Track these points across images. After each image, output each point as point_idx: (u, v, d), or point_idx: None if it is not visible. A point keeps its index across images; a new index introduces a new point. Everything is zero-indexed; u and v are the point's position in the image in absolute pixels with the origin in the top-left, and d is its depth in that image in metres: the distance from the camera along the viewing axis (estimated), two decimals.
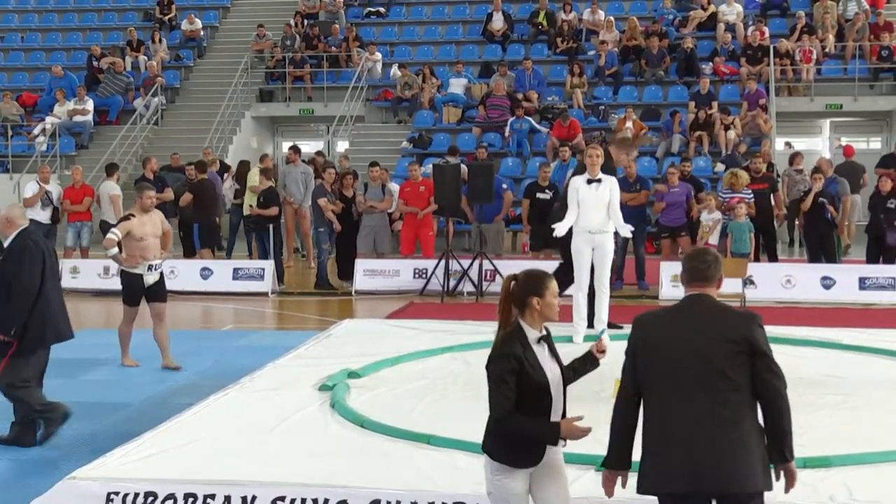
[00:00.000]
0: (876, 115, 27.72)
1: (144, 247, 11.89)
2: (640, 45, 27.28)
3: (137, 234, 11.82)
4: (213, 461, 7.14)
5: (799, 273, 17.48)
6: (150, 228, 11.95)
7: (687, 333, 5.16)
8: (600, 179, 11.31)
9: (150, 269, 11.98)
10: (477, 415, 8.33)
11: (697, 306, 5.25)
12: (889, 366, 10.21)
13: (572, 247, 11.50)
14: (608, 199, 11.35)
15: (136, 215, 11.97)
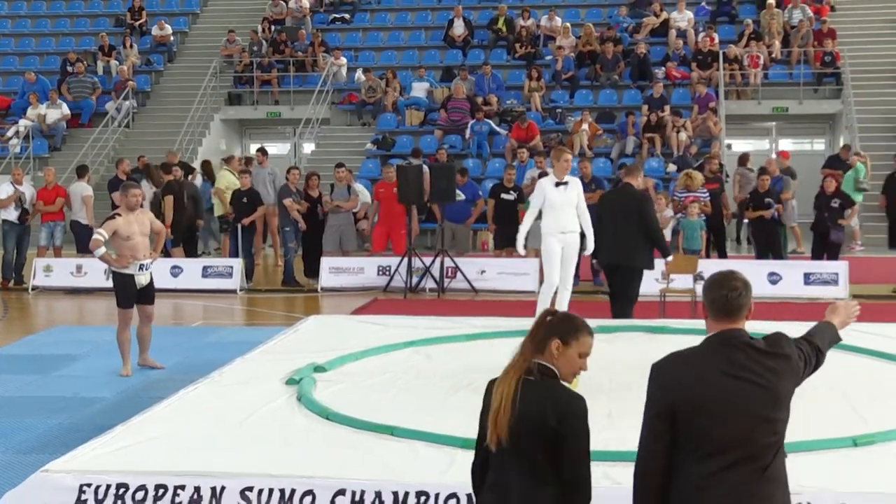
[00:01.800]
0: (820, 118, 27.90)
1: (133, 246, 11.47)
2: (595, 50, 27.36)
3: (124, 234, 11.40)
4: (184, 453, 7.10)
5: (747, 269, 17.36)
6: (137, 227, 11.52)
7: (729, 386, 4.31)
8: (567, 182, 11.34)
9: (141, 268, 11.58)
10: (438, 406, 8.36)
11: (730, 348, 4.43)
12: (833, 357, 10.27)
13: (543, 247, 11.50)
14: (576, 201, 11.37)
15: (122, 214, 11.55)
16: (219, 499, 6.41)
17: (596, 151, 24.38)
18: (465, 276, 17.80)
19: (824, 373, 9.64)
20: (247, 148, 29.97)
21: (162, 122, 28.38)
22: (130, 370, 11.57)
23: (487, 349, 10.63)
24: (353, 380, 9.35)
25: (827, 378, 9.23)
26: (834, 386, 8.90)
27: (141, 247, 11.55)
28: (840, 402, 8.39)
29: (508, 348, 10.72)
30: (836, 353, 10.46)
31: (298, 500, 6.36)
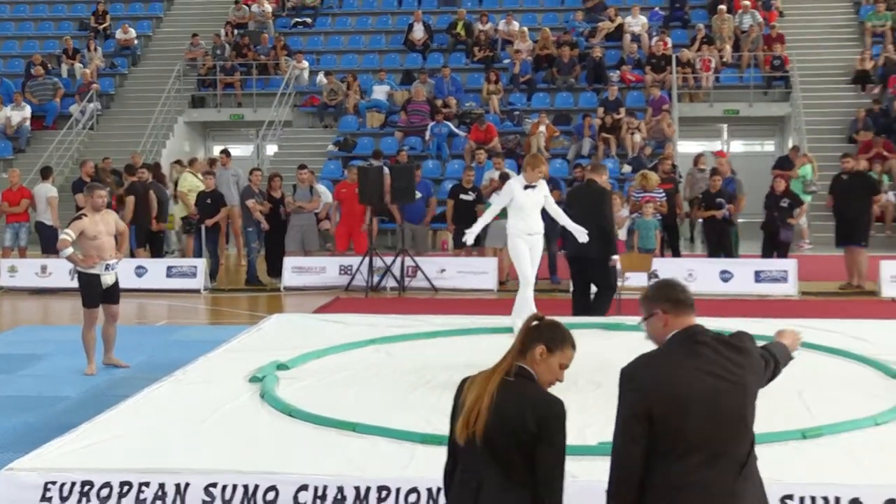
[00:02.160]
0: (769, 120, 28.13)
1: (99, 246, 11.38)
2: (552, 54, 27.43)
3: (90, 233, 11.30)
4: (148, 450, 7.06)
5: (700, 267, 17.69)
6: (103, 227, 11.43)
7: (706, 383, 4.30)
8: (535, 185, 11.37)
9: (107, 268, 11.49)
10: (399, 403, 8.36)
11: (699, 345, 4.44)
12: None
13: (512, 247, 11.52)
14: (542, 203, 11.41)
15: (88, 214, 11.43)
16: (183, 495, 6.39)
17: (553, 153, 24.45)
18: (426, 275, 17.81)
19: None
20: (210, 150, 29.83)
21: (126, 124, 28.18)
22: (95, 369, 11.48)
23: (447, 347, 10.66)
24: (316, 377, 9.33)
25: None
26: (784, 380, 8.95)
27: (107, 246, 11.46)
28: (790, 396, 8.43)
29: (468, 345, 10.81)
30: None
31: (262, 496, 6.35)
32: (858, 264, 17.45)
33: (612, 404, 8.12)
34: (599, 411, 7.93)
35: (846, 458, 6.75)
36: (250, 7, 30.88)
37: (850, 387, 8.82)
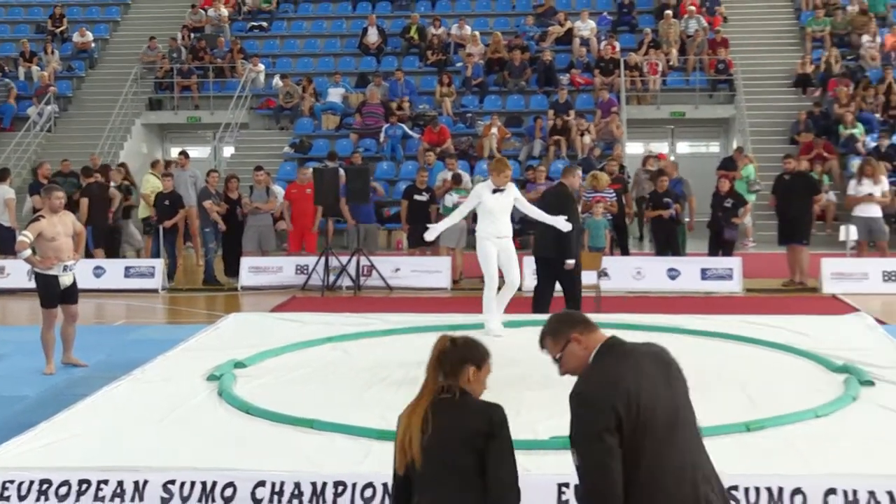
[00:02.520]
0: (715, 122, 28.35)
1: (57, 247, 11.26)
2: (503, 57, 27.48)
3: (48, 235, 11.19)
4: (107, 449, 7.00)
5: (648, 265, 17.80)
6: (61, 228, 11.33)
7: (657, 376, 4.43)
8: (503, 189, 11.38)
9: (65, 269, 11.37)
10: (355, 400, 8.34)
11: (626, 348, 4.54)
12: (728, 347, 10.45)
13: (480, 250, 11.55)
14: (512, 206, 11.42)
15: (46, 216, 11.32)
16: (141, 492, 6.35)
17: (504, 154, 24.44)
18: (381, 274, 17.79)
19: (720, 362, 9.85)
20: (168, 152, 29.64)
21: (84, 126, 27.92)
22: (54, 368, 11.40)
23: (402, 344, 10.64)
24: (273, 375, 9.30)
25: (722, 367, 9.42)
26: (728, 375, 9.06)
27: (65, 247, 11.35)
28: (734, 389, 8.52)
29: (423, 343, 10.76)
30: (732, 343, 10.69)
31: (220, 493, 6.32)
32: (800, 262, 17.63)
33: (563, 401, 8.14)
34: (551, 408, 7.96)
35: (789, 450, 6.81)
36: (207, 11, 30.72)
37: (793, 380, 8.91)
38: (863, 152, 22.81)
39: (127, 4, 32.77)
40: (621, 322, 11.73)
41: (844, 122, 24.16)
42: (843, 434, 7.21)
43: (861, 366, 9.11)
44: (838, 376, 8.93)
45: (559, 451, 6.62)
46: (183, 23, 30.55)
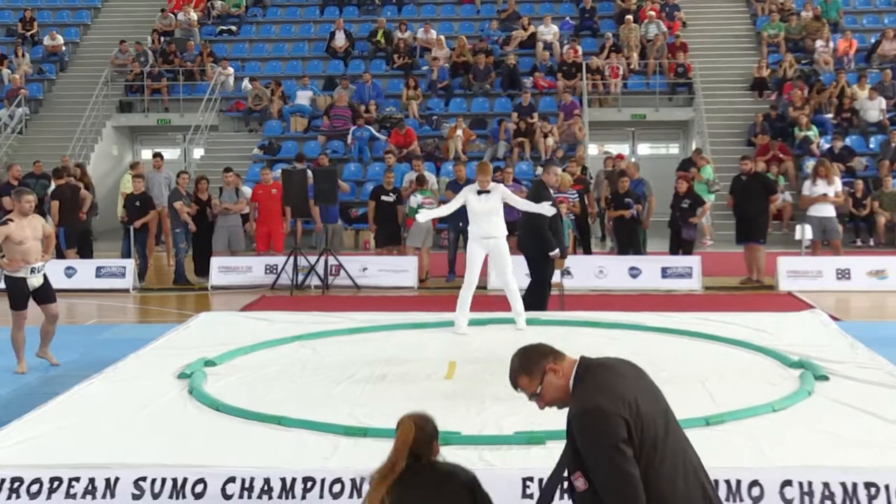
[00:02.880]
0: (674, 125, 28.48)
1: (25, 250, 11.07)
2: (468, 61, 27.50)
3: (17, 238, 11.00)
4: (79, 446, 6.95)
5: (610, 264, 17.85)
6: (29, 232, 11.13)
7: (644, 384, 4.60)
8: (489, 190, 11.38)
9: (33, 271, 11.17)
10: (323, 397, 8.32)
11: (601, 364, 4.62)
12: (688, 344, 10.50)
13: (467, 250, 11.59)
14: (499, 207, 11.41)
15: (15, 219, 11.12)
16: (113, 490, 6.30)
17: (469, 155, 24.49)
18: (348, 273, 17.76)
19: (680, 359, 9.90)
20: (138, 153, 29.50)
21: (55, 128, 27.69)
22: (25, 368, 11.25)
23: (370, 342, 10.65)
24: (243, 373, 9.27)
25: (682, 363, 9.47)
26: (688, 370, 9.10)
27: (33, 251, 11.17)
28: (694, 384, 8.56)
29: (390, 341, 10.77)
30: (692, 340, 10.74)
31: (190, 489, 6.29)
32: (757, 260, 17.74)
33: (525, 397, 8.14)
34: (514, 403, 7.97)
35: (747, 442, 6.86)
36: (176, 15, 30.56)
37: (751, 376, 8.96)
38: (817, 154, 23.00)
39: (97, 8, 32.55)
40: (585, 320, 11.79)
41: (799, 124, 24.35)
42: (799, 427, 7.26)
43: (816, 361, 9.18)
44: (794, 371, 9.00)
45: (523, 447, 6.64)
46: (153, 27, 30.38)
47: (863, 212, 22.15)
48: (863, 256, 18.67)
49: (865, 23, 29.33)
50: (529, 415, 7.57)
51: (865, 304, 16.23)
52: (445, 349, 10.13)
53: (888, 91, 25.41)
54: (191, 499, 6.25)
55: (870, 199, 22.16)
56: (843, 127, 24.77)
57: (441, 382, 8.80)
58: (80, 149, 26.45)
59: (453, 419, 7.39)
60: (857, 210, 22.11)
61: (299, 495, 6.21)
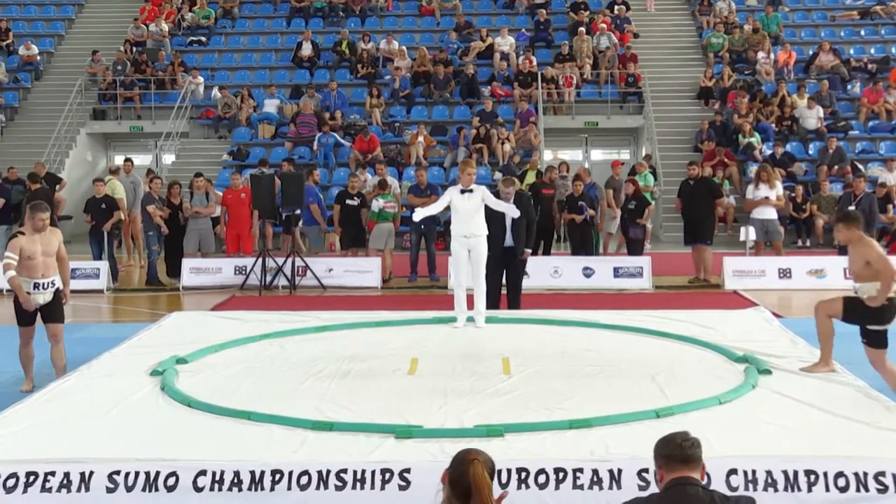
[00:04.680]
0: (625, 132, 28.60)
1: (32, 265, 10.13)
2: (429, 70, 27.50)
3: (26, 253, 10.10)
4: (54, 442, 6.88)
5: (564, 264, 17.90)
6: (40, 248, 10.19)
7: None
8: (472, 190, 11.36)
9: (36, 287, 10.20)
10: (291, 392, 8.29)
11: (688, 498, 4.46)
12: (638, 340, 10.55)
13: (452, 250, 11.60)
14: (481, 206, 11.40)
15: (27, 233, 10.26)
16: (87, 483, 6.24)
17: (430, 161, 24.51)
18: (315, 274, 17.70)
19: (631, 355, 9.94)
20: (111, 159, 29.19)
21: (30, 135, 27.41)
22: (31, 385, 10.20)
23: (336, 340, 10.62)
24: (213, 370, 9.21)
25: (633, 358, 9.51)
26: (639, 365, 9.14)
27: (41, 267, 10.21)
28: (645, 379, 8.60)
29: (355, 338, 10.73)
30: (642, 337, 10.79)
31: (163, 482, 6.24)
32: (705, 260, 17.85)
33: (486, 389, 8.20)
34: (475, 397, 7.98)
35: (694, 434, 6.87)
36: (148, 26, 30.34)
37: (698, 370, 9.01)
38: (760, 159, 23.18)
39: (71, 19, 32.26)
40: (541, 318, 11.81)
41: (743, 131, 24.54)
42: (744, 419, 7.32)
43: (760, 356, 9.25)
44: (739, 366, 9.06)
45: (483, 439, 6.65)
46: (125, 37, 30.12)
47: (802, 214, 22.36)
48: (803, 256, 18.86)
49: (804, 36, 29.61)
50: (488, 409, 7.60)
51: (806, 301, 16.31)
52: (408, 346, 10.12)
53: (825, 100, 25.68)
54: (163, 491, 6.20)
55: (809, 203, 22.37)
56: (784, 134, 25.00)
57: (404, 378, 8.79)
58: (56, 155, 26.21)
59: (416, 413, 7.39)
60: (797, 213, 22.32)
61: (268, 487, 6.18)
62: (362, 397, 8.02)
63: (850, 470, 6.15)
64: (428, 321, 11.68)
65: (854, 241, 8.94)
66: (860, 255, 8.84)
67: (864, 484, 6.10)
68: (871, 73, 27.08)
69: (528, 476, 6.13)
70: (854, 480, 6.11)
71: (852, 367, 8.97)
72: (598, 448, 6.51)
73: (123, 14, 31.81)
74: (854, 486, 6.10)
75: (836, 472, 6.14)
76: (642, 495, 4.63)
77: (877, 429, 6.95)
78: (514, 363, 9.15)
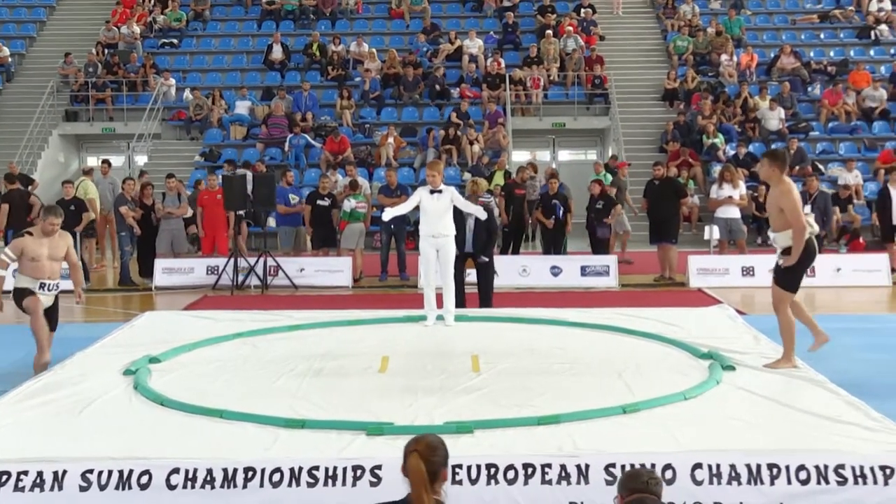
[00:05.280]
0: (592, 132, 28.68)
1: (37, 267, 10.03)
2: (398, 73, 27.48)
3: (30, 254, 9.98)
4: (27, 441, 6.83)
5: (533, 263, 17.95)
6: (46, 251, 10.06)
7: None
8: (441, 190, 11.35)
9: (42, 287, 10.09)
10: (264, 390, 8.26)
11: None
12: (606, 337, 10.59)
13: (420, 250, 11.59)
14: (450, 207, 11.39)
15: (35, 235, 10.10)
16: (61, 482, 6.19)
17: (400, 162, 24.51)
18: (286, 273, 17.65)
19: (599, 352, 9.96)
20: (84, 160, 28.96)
21: (3, 137, 27.14)
22: (49, 356, 10.06)
23: (307, 338, 10.60)
24: (186, 369, 9.18)
25: (600, 355, 9.55)
26: (606, 362, 9.18)
27: (46, 269, 10.10)
28: (611, 375, 8.64)
29: (326, 337, 10.70)
30: (609, 334, 10.81)
31: (136, 481, 6.20)
32: (670, 259, 17.94)
33: (456, 386, 8.21)
34: (444, 395, 7.99)
35: (660, 429, 6.93)
36: (120, 28, 30.14)
37: (663, 367, 9.06)
38: (723, 159, 23.33)
39: (43, 21, 32.00)
40: (510, 316, 11.84)
41: (707, 132, 24.68)
42: (709, 414, 7.36)
43: (724, 353, 9.31)
44: (704, 362, 9.12)
45: (452, 435, 6.65)
46: (97, 39, 29.92)
47: (765, 213, 22.40)
48: (766, 255, 18.94)
49: (766, 39, 29.82)
50: (458, 406, 7.61)
51: (768, 299, 16.32)
52: (379, 345, 10.11)
53: (786, 102, 25.88)
54: (136, 490, 6.16)
55: None
56: (747, 135, 25.16)
57: (375, 376, 8.79)
58: (28, 156, 26.00)
59: (386, 410, 7.39)
60: (760, 212, 22.36)
61: (241, 484, 6.16)
62: (334, 395, 8.02)
63: (811, 463, 6.20)
64: (398, 320, 11.68)
65: (774, 181, 8.86)
66: (776, 198, 8.80)
67: (825, 476, 6.16)
68: (831, 75, 27.31)
69: (497, 472, 6.14)
70: (815, 473, 6.17)
71: (812, 362, 9.04)
72: (566, 444, 6.53)
73: (95, 16, 31.59)
74: (815, 478, 6.15)
75: (798, 466, 6.19)
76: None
77: (837, 423, 7.01)
78: (483, 361, 9.16)
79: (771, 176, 8.86)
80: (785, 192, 8.72)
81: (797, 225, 8.61)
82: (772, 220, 8.96)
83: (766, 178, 9.05)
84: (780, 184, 8.79)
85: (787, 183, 8.83)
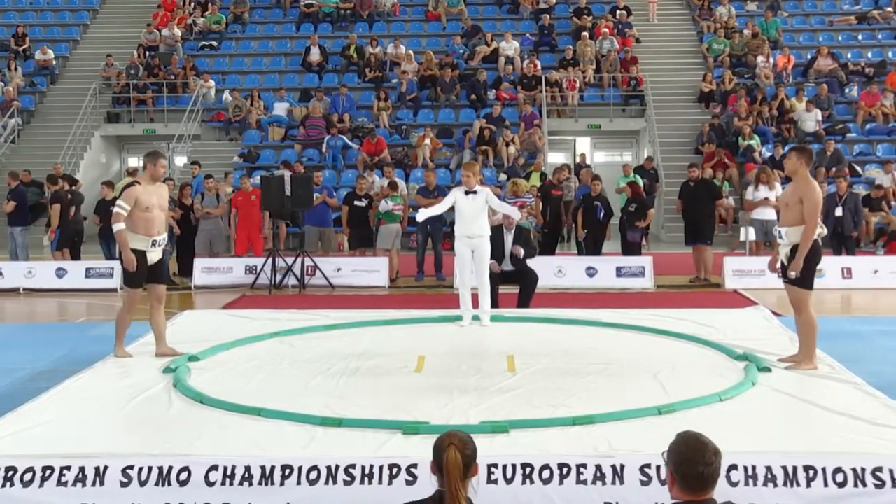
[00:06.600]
0: (627, 134, 28.59)
1: (149, 218, 9.40)
2: (435, 74, 27.49)
3: (143, 204, 9.33)
4: (69, 437, 6.88)
5: (569, 264, 17.89)
6: (156, 200, 9.48)
7: None
8: (476, 191, 11.33)
9: (154, 244, 9.54)
10: (300, 389, 8.29)
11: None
12: (640, 338, 10.53)
13: (455, 251, 11.59)
14: (485, 207, 11.39)
15: (143, 183, 9.51)
16: (102, 478, 6.23)
17: (437, 163, 24.52)
18: (324, 273, 17.71)
19: (634, 353, 9.92)
20: (125, 161, 29.27)
21: (46, 138, 27.45)
22: (125, 352, 9.76)
23: (344, 338, 10.61)
24: (224, 367, 9.21)
25: (636, 356, 9.50)
26: (641, 363, 9.13)
27: (157, 221, 9.52)
28: (647, 376, 8.59)
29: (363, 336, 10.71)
30: (644, 335, 10.77)
31: (175, 477, 6.23)
32: (705, 260, 17.83)
33: (491, 386, 8.20)
34: (480, 394, 7.98)
35: (695, 430, 6.86)
36: (161, 31, 30.37)
37: (699, 368, 8.99)
38: (759, 161, 23.15)
39: (86, 25, 32.31)
40: (545, 316, 11.81)
41: (743, 133, 24.51)
42: (744, 415, 7.30)
43: (759, 354, 9.24)
44: (739, 363, 9.05)
45: (488, 435, 6.64)
46: (139, 42, 30.17)
47: None
48: None
49: (802, 40, 29.56)
50: (493, 405, 7.59)
51: None
52: (415, 344, 10.11)
53: (823, 103, 25.64)
54: (176, 486, 6.20)
55: None
56: (783, 136, 24.95)
57: (411, 375, 8.79)
58: (70, 157, 26.26)
59: (422, 410, 7.39)
60: None
61: (278, 482, 6.18)
62: (370, 394, 8.02)
63: (848, 466, 6.13)
64: (434, 320, 11.68)
65: (799, 175, 8.86)
66: (797, 191, 8.78)
67: (862, 479, 6.09)
68: (869, 76, 27.03)
69: (532, 471, 6.12)
70: (852, 476, 6.10)
71: (849, 364, 8.95)
72: (601, 444, 6.50)
73: (137, 19, 31.87)
74: (852, 481, 6.09)
75: (835, 468, 6.12)
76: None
77: (874, 425, 6.93)
78: (518, 361, 9.14)
79: (798, 169, 8.89)
80: (812, 187, 8.76)
81: (812, 222, 8.62)
82: (783, 213, 8.95)
83: (792, 172, 9.04)
84: (806, 179, 8.79)
85: (813, 181, 8.89)
